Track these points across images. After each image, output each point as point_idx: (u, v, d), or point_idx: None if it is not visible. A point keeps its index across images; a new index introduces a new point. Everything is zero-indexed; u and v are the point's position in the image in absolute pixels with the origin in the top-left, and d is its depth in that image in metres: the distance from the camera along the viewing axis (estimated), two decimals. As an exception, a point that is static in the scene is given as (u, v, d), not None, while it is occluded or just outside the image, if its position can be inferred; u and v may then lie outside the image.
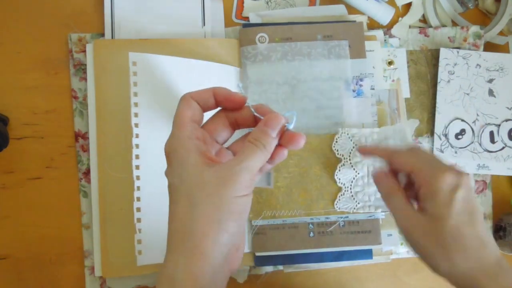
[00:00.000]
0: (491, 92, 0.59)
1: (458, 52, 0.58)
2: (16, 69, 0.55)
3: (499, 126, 0.58)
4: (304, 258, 0.54)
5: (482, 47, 0.59)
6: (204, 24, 0.57)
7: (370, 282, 0.57)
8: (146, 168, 0.49)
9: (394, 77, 0.58)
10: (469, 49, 0.59)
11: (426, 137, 0.59)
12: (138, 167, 0.49)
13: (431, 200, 0.38)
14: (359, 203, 0.54)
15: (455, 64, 0.58)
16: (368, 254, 0.54)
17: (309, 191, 0.54)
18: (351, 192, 0.54)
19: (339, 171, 0.54)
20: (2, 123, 0.53)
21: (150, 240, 0.49)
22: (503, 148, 0.58)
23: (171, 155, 0.34)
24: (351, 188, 0.54)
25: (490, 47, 0.61)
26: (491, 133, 0.58)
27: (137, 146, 0.49)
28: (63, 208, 0.54)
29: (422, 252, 0.39)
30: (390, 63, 0.58)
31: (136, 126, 0.49)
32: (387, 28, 0.59)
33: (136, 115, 0.49)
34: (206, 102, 0.36)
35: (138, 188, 0.49)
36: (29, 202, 0.54)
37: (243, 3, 0.59)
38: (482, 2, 0.61)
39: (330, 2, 0.59)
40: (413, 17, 0.60)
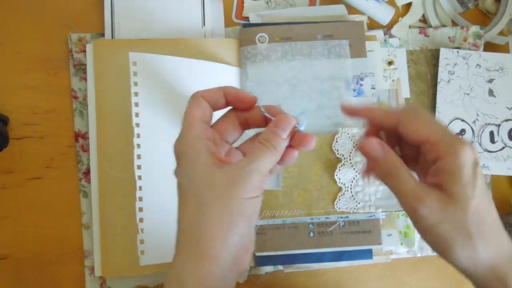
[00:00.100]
0: (491, 92, 0.59)
1: (458, 52, 0.58)
2: (16, 69, 0.55)
3: (499, 126, 0.58)
4: (304, 258, 0.54)
5: (482, 47, 0.59)
6: (204, 24, 0.57)
7: (370, 282, 0.57)
8: (147, 168, 0.49)
9: (394, 77, 0.58)
10: (469, 49, 0.59)
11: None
12: (139, 167, 0.49)
13: (453, 177, 0.32)
14: (359, 203, 0.54)
15: (455, 64, 0.58)
16: (368, 254, 0.54)
17: (309, 191, 0.54)
18: (351, 192, 0.54)
19: (339, 171, 0.54)
20: (2, 123, 0.53)
21: (152, 240, 0.49)
22: (503, 148, 0.58)
23: (180, 155, 0.34)
24: (351, 188, 0.54)
25: (490, 47, 0.61)
26: (491, 133, 0.58)
27: (138, 146, 0.49)
28: (63, 208, 0.54)
29: (437, 239, 0.33)
30: (390, 63, 0.58)
31: (137, 126, 0.49)
32: (387, 28, 0.59)
33: (137, 115, 0.49)
34: (216, 102, 0.36)
35: (140, 188, 0.49)
36: (29, 202, 0.54)
37: (243, 3, 0.59)
38: (482, 2, 0.61)
39: (330, 2, 0.59)
40: (413, 17, 0.60)
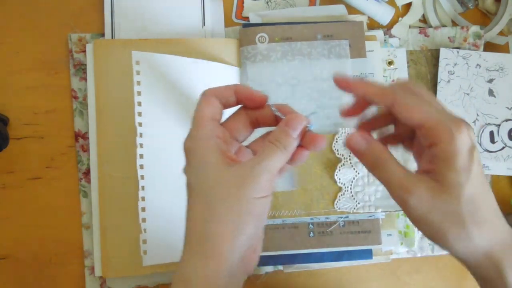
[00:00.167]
0: (491, 92, 0.59)
1: (458, 52, 0.58)
2: (16, 69, 0.55)
3: (499, 126, 0.58)
4: (304, 258, 0.54)
5: (482, 47, 0.59)
6: (204, 24, 0.57)
7: (370, 282, 0.57)
8: (150, 168, 0.49)
9: (394, 77, 0.58)
10: (469, 49, 0.59)
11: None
12: (142, 167, 0.49)
13: (447, 164, 0.31)
14: (359, 203, 0.54)
15: (455, 64, 0.58)
16: (368, 254, 0.54)
17: (309, 191, 0.54)
18: (351, 192, 0.54)
19: (339, 171, 0.54)
20: (2, 123, 0.53)
21: (155, 240, 0.49)
22: (503, 148, 0.58)
23: (190, 153, 0.34)
24: (351, 188, 0.54)
25: (490, 47, 0.61)
26: (491, 133, 0.58)
27: (141, 146, 0.49)
28: (63, 208, 0.54)
29: (429, 229, 0.33)
30: (390, 63, 0.58)
31: (140, 125, 0.49)
32: (387, 28, 0.59)
33: (139, 114, 0.49)
34: (227, 100, 0.35)
35: (143, 188, 0.49)
36: (29, 202, 0.54)
37: (243, 3, 0.59)
38: (482, 2, 0.61)
39: (330, 2, 0.59)
40: (413, 17, 0.60)
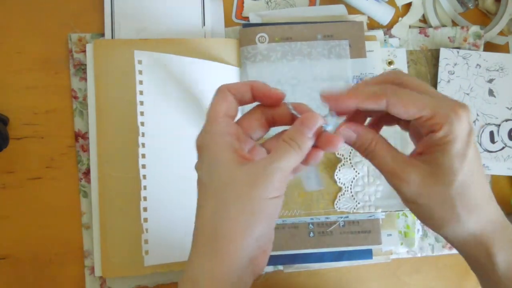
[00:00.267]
0: (491, 92, 0.59)
1: (458, 52, 0.58)
2: (16, 69, 0.55)
3: (499, 126, 0.58)
4: (304, 258, 0.54)
5: (482, 47, 0.59)
6: (204, 24, 0.57)
7: (370, 282, 0.57)
8: (152, 167, 0.49)
9: (394, 77, 0.58)
10: (469, 49, 0.59)
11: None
12: (144, 166, 0.49)
13: (444, 151, 0.31)
14: (359, 203, 0.54)
15: (455, 64, 0.58)
16: (368, 254, 0.54)
17: (309, 191, 0.54)
18: (351, 192, 0.54)
19: (339, 171, 0.54)
20: (2, 123, 0.53)
21: (156, 240, 0.49)
22: (503, 148, 0.58)
23: (202, 150, 0.33)
24: (351, 188, 0.54)
25: (490, 47, 0.61)
26: (491, 133, 0.58)
27: (143, 145, 0.49)
28: (63, 208, 0.54)
29: (421, 212, 0.33)
30: (390, 63, 0.58)
31: (142, 124, 0.49)
32: (387, 28, 0.59)
33: (142, 114, 0.49)
34: (242, 96, 0.35)
35: (145, 188, 0.49)
36: (29, 202, 0.54)
37: (243, 3, 0.59)
38: (482, 2, 0.61)
39: (330, 2, 0.59)
40: (413, 17, 0.60)
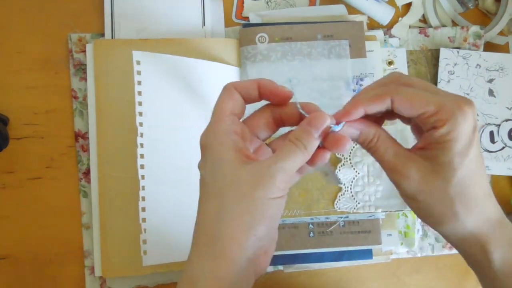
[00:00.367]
0: (491, 92, 0.59)
1: (458, 52, 0.58)
2: (16, 69, 0.55)
3: (499, 126, 0.58)
4: (304, 258, 0.54)
5: (482, 47, 0.59)
6: (204, 24, 0.57)
7: (370, 282, 0.57)
8: (151, 168, 0.49)
9: (394, 77, 0.58)
10: (469, 49, 0.59)
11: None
12: (143, 166, 0.49)
13: (446, 148, 0.31)
14: (359, 203, 0.54)
15: (455, 64, 0.58)
16: (368, 254, 0.54)
17: (309, 191, 0.54)
18: (351, 192, 0.54)
19: (339, 171, 0.54)
20: (2, 123, 0.53)
21: (155, 240, 0.49)
22: (503, 148, 0.58)
23: (206, 149, 0.33)
24: (351, 188, 0.54)
25: (490, 47, 0.61)
26: (491, 133, 0.58)
27: (141, 145, 0.49)
28: (63, 208, 0.54)
29: (419, 208, 0.33)
30: (390, 63, 0.58)
31: (141, 125, 0.49)
32: (387, 28, 0.59)
33: (140, 114, 0.49)
34: (249, 94, 0.34)
35: (143, 188, 0.49)
36: (29, 202, 0.54)
37: (243, 3, 0.59)
38: (482, 2, 0.61)
39: (330, 2, 0.59)
40: (413, 17, 0.60)
